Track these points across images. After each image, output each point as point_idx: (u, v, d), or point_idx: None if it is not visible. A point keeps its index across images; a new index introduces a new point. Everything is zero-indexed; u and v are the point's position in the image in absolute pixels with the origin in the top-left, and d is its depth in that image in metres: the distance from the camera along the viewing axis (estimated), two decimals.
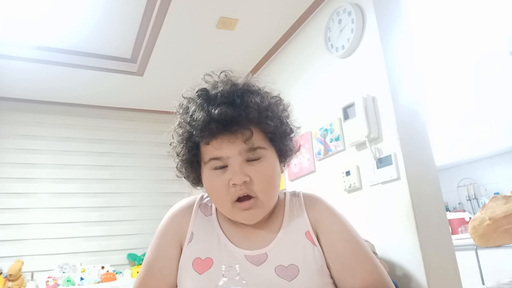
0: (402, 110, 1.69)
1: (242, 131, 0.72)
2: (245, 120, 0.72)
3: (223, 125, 0.71)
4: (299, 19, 2.31)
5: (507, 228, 1.21)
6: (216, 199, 0.78)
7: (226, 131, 0.72)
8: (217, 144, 0.73)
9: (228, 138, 0.72)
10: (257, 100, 0.74)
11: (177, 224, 0.84)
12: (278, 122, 0.77)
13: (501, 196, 1.31)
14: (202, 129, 0.72)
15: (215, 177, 0.75)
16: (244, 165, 0.74)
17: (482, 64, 2.99)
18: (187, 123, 0.75)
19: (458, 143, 3.12)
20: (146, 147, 3.46)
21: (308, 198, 0.85)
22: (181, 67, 2.79)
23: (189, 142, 0.77)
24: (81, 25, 2.30)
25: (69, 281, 2.76)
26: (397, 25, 1.84)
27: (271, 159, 0.77)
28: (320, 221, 0.81)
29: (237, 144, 0.73)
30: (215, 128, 0.71)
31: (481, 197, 3.26)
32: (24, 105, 3.10)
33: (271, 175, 0.76)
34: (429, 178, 1.66)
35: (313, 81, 2.25)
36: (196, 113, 0.74)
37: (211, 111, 0.72)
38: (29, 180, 3.00)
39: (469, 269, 2.48)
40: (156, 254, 0.83)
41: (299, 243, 0.78)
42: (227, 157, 0.73)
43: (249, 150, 0.74)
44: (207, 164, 0.76)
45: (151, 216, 3.30)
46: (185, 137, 0.77)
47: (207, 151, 0.75)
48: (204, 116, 0.72)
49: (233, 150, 0.73)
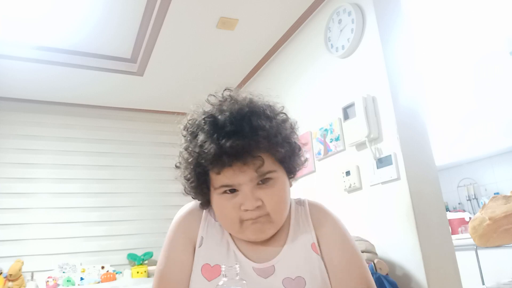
0: (402, 110, 1.69)
1: (253, 161, 0.72)
2: (256, 149, 0.72)
3: (235, 156, 0.70)
4: (299, 19, 2.31)
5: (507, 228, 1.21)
6: (225, 222, 0.78)
7: (237, 161, 0.71)
8: (228, 173, 0.72)
9: (239, 168, 0.72)
10: (266, 125, 0.73)
11: (187, 228, 0.83)
12: (287, 146, 0.77)
13: (501, 196, 1.31)
14: (213, 161, 0.71)
15: (226, 201, 0.75)
16: (255, 190, 0.73)
17: (482, 64, 2.99)
18: (197, 153, 0.74)
19: (458, 143, 3.12)
20: (146, 147, 3.45)
21: (314, 209, 0.86)
22: (181, 67, 2.79)
23: (197, 169, 0.76)
24: (81, 25, 2.30)
25: (69, 281, 2.76)
26: (397, 25, 1.84)
27: (281, 180, 0.77)
28: (322, 232, 0.81)
29: (248, 172, 0.73)
30: (226, 160, 0.70)
31: (481, 197, 3.26)
32: (24, 105, 3.10)
33: (282, 195, 0.77)
34: (429, 178, 1.66)
35: (313, 81, 2.25)
36: (206, 144, 0.72)
37: (221, 144, 0.70)
38: (29, 180, 3.00)
39: (469, 269, 2.48)
40: (169, 263, 0.81)
41: (305, 255, 0.79)
42: (238, 184, 0.73)
43: (260, 176, 0.73)
44: (217, 190, 0.76)
45: (151, 216, 3.30)
46: (194, 164, 0.76)
47: (217, 179, 0.74)
48: (215, 148, 0.70)
49: (244, 178, 0.73)
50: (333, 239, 0.80)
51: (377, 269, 1.52)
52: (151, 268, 3.04)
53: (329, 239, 0.80)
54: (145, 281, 2.87)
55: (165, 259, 0.82)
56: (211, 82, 3.02)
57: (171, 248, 0.82)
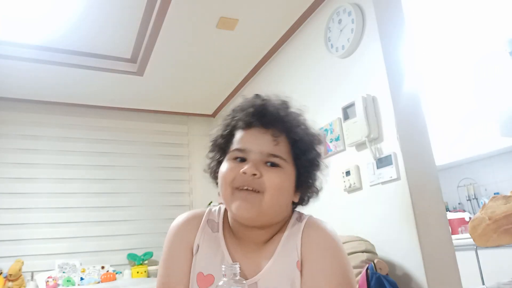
0: (402, 110, 1.69)
1: (273, 128, 0.79)
2: (281, 119, 0.79)
3: (261, 113, 0.79)
4: (299, 19, 2.31)
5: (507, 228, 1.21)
6: (222, 182, 0.79)
7: (260, 122, 0.79)
8: (249, 131, 0.80)
9: (259, 129, 0.79)
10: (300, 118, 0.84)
11: (185, 235, 0.84)
12: (309, 147, 0.82)
13: (501, 196, 1.31)
14: (242, 111, 0.82)
15: (232, 164, 0.79)
16: (260, 164, 0.77)
17: (482, 64, 2.99)
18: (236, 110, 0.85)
19: (458, 143, 3.11)
20: (146, 147, 3.45)
21: (309, 225, 0.81)
22: (181, 67, 2.78)
23: (227, 128, 0.84)
24: (81, 25, 2.30)
25: (69, 281, 2.76)
26: (397, 25, 1.84)
27: (287, 171, 0.79)
28: (308, 252, 0.77)
29: (265, 139, 0.78)
30: (252, 112, 0.80)
31: (481, 197, 3.26)
32: (24, 105, 3.10)
33: (281, 183, 0.77)
34: (429, 178, 1.66)
35: (313, 81, 2.25)
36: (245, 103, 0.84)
37: (255, 103, 0.82)
38: (29, 180, 3.00)
39: (469, 269, 2.47)
40: (171, 275, 0.81)
41: (288, 273, 0.76)
42: (250, 151, 0.78)
43: (270, 155, 0.77)
44: (230, 153, 0.81)
45: (151, 216, 3.30)
46: (226, 123, 0.85)
47: (236, 140, 0.81)
48: (249, 103, 0.83)
49: (258, 145, 0.78)
50: (318, 266, 0.75)
51: (377, 269, 1.52)
52: (151, 268, 3.04)
53: (313, 263, 0.76)
54: (145, 281, 2.87)
55: (167, 271, 0.81)
56: (211, 82, 3.04)
57: (171, 259, 0.82)
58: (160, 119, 3.54)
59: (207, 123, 3.72)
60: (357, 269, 1.57)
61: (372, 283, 1.48)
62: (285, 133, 0.80)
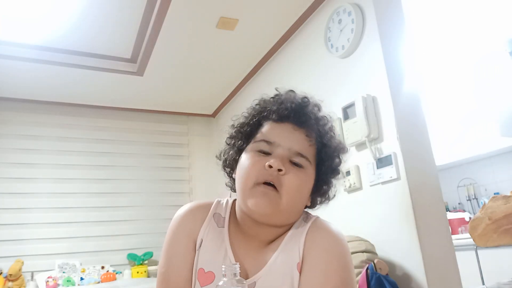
0: (402, 110, 1.69)
1: (308, 128, 0.78)
2: (315, 122, 0.79)
3: (299, 111, 0.78)
4: (299, 19, 2.31)
5: (507, 228, 1.21)
6: (243, 176, 0.76)
7: (296, 119, 0.78)
8: (281, 127, 0.78)
9: (293, 126, 0.78)
10: (330, 124, 0.85)
11: (188, 227, 0.82)
12: (335, 154, 0.82)
13: (501, 196, 1.31)
14: (280, 103, 0.79)
15: (255, 157, 0.76)
16: (286, 160, 0.75)
17: (482, 64, 2.99)
18: (265, 100, 0.82)
19: (458, 143, 3.12)
20: (146, 147, 3.45)
21: (314, 226, 0.79)
22: (181, 67, 2.78)
23: (257, 116, 0.81)
24: (81, 25, 2.30)
25: (69, 281, 2.76)
26: (397, 25, 1.84)
27: (309, 174, 0.78)
28: (309, 253, 0.75)
29: (296, 136, 0.77)
30: (291, 107, 0.78)
31: (481, 197, 3.26)
32: (24, 105, 3.10)
33: (302, 185, 0.77)
34: (429, 178, 1.66)
35: (313, 81, 2.25)
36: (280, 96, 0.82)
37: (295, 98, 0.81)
38: (29, 180, 3.00)
39: (469, 269, 2.47)
40: (172, 265, 0.79)
41: (288, 273, 0.74)
42: (278, 145, 0.76)
43: (297, 154, 0.76)
44: (254, 144, 0.79)
45: (151, 216, 3.30)
46: (256, 112, 0.82)
47: (265, 131, 0.79)
48: (287, 97, 0.81)
49: (288, 141, 0.76)
50: (317, 267, 0.73)
51: (377, 269, 1.52)
52: (151, 268, 3.04)
53: (312, 265, 0.74)
54: (145, 281, 2.87)
55: (167, 260, 0.80)
56: (211, 82, 3.04)
57: (173, 249, 0.80)
58: (160, 119, 3.54)
59: (207, 123, 3.72)
60: (357, 269, 1.57)
61: (372, 283, 1.48)
62: (316, 135, 0.79)
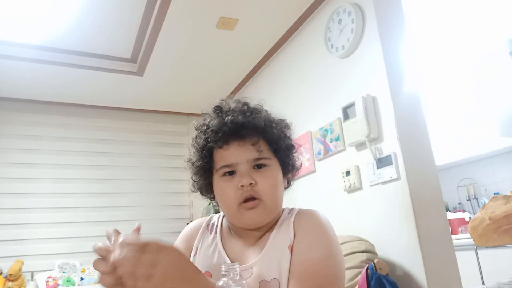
0: (402, 110, 1.69)
1: (250, 137, 0.83)
2: (253, 126, 0.83)
3: (235, 128, 0.82)
4: (299, 19, 2.31)
5: (507, 228, 1.21)
6: (225, 202, 0.84)
7: (236, 136, 0.82)
8: (228, 148, 0.83)
9: (238, 142, 0.82)
10: (264, 114, 0.87)
11: (188, 238, 0.93)
12: (282, 135, 0.87)
13: (501, 196, 1.31)
14: (216, 132, 0.83)
15: (225, 182, 0.83)
16: (251, 171, 0.82)
17: (482, 64, 2.99)
18: (203, 131, 0.86)
19: (458, 143, 3.12)
20: (146, 147, 3.46)
21: (299, 214, 0.86)
22: (181, 67, 2.78)
23: (204, 150, 0.86)
24: (81, 25, 2.30)
25: (69, 281, 2.76)
26: (397, 25, 1.84)
27: (275, 168, 0.85)
28: (298, 233, 0.81)
29: (246, 148, 0.82)
30: (227, 130, 0.81)
31: (481, 197, 3.26)
32: (24, 105, 3.10)
33: (274, 181, 0.84)
34: (429, 178, 1.66)
35: (313, 81, 2.25)
36: (212, 121, 0.85)
37: (224, 118, 0.83)
38: (29, 180, 3.00)
39: (469, 269, 2.47)
40: None
41: (282, 257, 0.79)
42: (236, 163, 0.82)
43: (256, 160, 0.82)
44: (218, 172, 0.84)
45: (151, 216, 3.30)
46: (201, 146, 0.86)
47: (219, 158, 0.84)
48: (218, 122, 0.84)
49: (242, 157, 0.82)
50: (304, 244, 0.79)
51: (377, 269, 1.52)
52: None
53: (300, 242, 0.79)
54: None
55: None
56: (211, 82, 3.04)
57: None
58: (160, 119, 3.54)
59: None
60: (357, 269, 1.57)
61: (372, 283, 1.48)
62: (260, 135, 0.84)
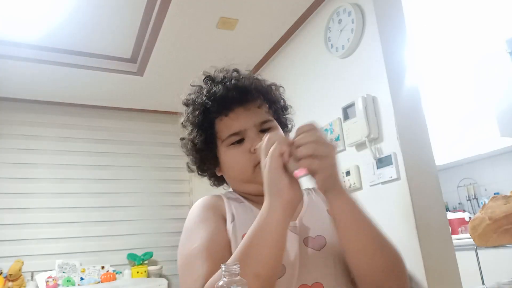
0: (402, 110, 1.69)
1: (254, 100, 0.81)
2: (255, 90, 0.82)
3: (239, 94, 0.79)
4: (299, 19, 2.31)
5: (507, 228, 1.21)
6: (237, 170, 0.81)
7: (241, 101, 0.80)
8: (235, 115, 0.80)
9: (243, 108, 0.80)
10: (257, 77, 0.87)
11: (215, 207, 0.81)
12: (279, 96, 0.89)
13: (501, 196, 1.31)
14: (220, 100, 0.80)
15: (235, 150, 0.80)
16: (259, 135, 0.79)
17: (482, 64, 2.99)
18: (203, 101, 0.82)
19: (458, 143, 3.11)
20: (146, 147, 3.46)
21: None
22: (181, 67, 2.78)
23: (204, 123, 0.82)
24: (81, 25, 2.30)
25: (69, 281, 2.76)
26: (397, 25, 1.84)
27: (278, 129, 0.85)
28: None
29: (252, 112, 0.81)
30: (234, 96, 0.79)
31: (481, 197, 3.26)
32: (24, 105, 3.10)
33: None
34: (429, 178, 1.66)
35: (313, 81, 2.25)
36: (213, 88, 0.82)
37: (226, 84, 0.81)
38: (29, 180, 3.00)
39: (469, 269, 2.47)
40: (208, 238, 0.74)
41: (323, 216, 0.81)
42: (245, 130, 0.79)
43: (262, 123, 0.81)
44: (224, 142, 0.81)
45: (151, 216, 3.30)
46: (200, 119, 0.82)
47: (225, 126, 0.81)
48: (221, 88, 0.80)
49: (249, 122, 0.80)
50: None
51: None
52: (151, 268, 3.04)
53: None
54: (145, 281, 2.87)
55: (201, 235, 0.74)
56: None
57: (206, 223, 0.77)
58: (160, 119, 3.54)
59: None
60: None
61: None
62: (261, 97, 0.84)
